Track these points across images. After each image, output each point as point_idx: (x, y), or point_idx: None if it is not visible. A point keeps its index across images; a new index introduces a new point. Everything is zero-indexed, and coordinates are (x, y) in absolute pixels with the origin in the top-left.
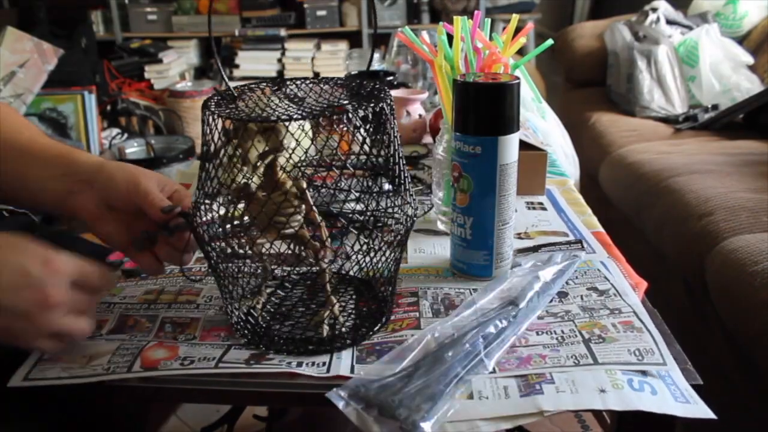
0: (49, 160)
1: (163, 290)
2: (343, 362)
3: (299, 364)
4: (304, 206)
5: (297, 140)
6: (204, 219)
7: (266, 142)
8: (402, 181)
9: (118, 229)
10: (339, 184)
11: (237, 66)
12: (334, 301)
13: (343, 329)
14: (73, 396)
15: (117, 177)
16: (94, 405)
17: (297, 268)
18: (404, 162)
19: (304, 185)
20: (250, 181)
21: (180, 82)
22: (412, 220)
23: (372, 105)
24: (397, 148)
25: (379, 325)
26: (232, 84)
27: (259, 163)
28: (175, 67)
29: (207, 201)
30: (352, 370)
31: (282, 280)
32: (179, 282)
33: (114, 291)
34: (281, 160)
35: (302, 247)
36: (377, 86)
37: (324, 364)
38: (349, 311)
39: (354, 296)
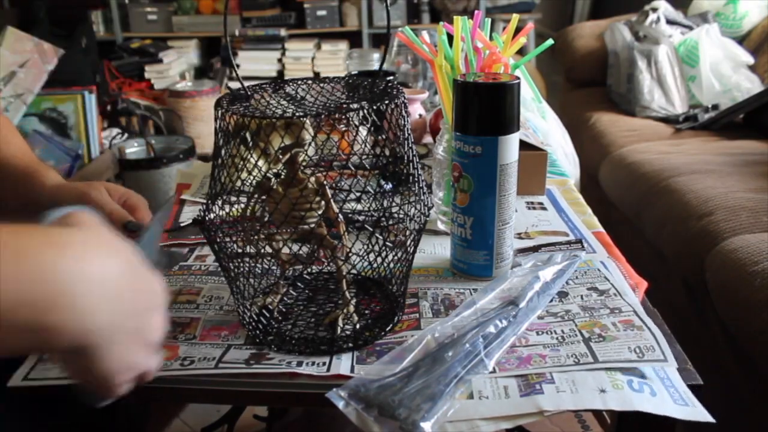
0: (17, 180)
1: None
2: (343, 362)
3: (299, 364)
4: (323, 202)
5: (313, 136)
6: (216, 217)
7: (288, 137)
8: (416, 179)
9: None
10: (353, 184)
11: (237, 66)
12: (349, 298)
13: (357, 327)
14: (73, 396)
15: (67, 201)
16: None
17: (310, 268)
18: (417, 159)
19: (323, 180)
20: (270, 176)
21: (180, 82)
22: (426, 218)
23: (387, 102)
24: (411, 145)
25: (392, 324)
26: (235, 84)
27: (280, 157)
28: (175, 67)
29: (219, 200)
30: (352, 370)
31: (293, 279)
32: (179, 282)
33: None
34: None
35: (318, 245)
36: (391, 84)
37: (324, 363)
38: (362, 311)
39: (365, 296)
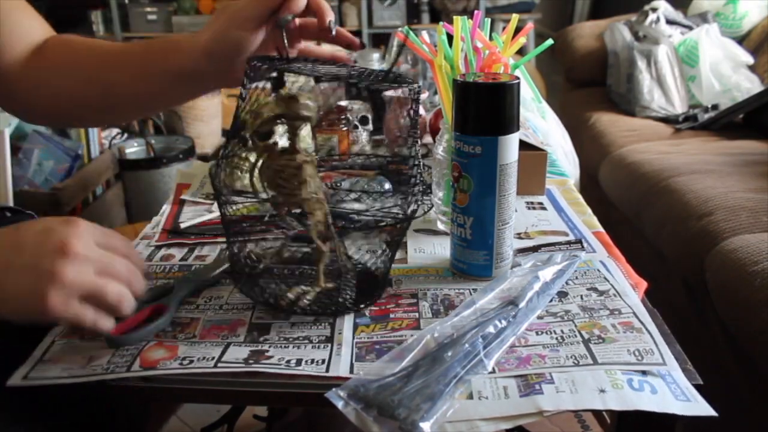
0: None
1: None
2: (342, 362)
3: (298, 363)
4: (310, 179)
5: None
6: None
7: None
8: (420, 171)
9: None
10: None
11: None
12: (326, 250)
13: (348, 292)
14: (73, 396)
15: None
16: (95, 405)
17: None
18: (420, 155)
19: (315, 155)
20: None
21: None
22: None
23: (409, 85)
24: (417, 139)
25: (380, 291)
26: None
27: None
28: None
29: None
30: (351, 370)
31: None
32: None
33: None
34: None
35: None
36: (402, 75)
37: (323, 362)
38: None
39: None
